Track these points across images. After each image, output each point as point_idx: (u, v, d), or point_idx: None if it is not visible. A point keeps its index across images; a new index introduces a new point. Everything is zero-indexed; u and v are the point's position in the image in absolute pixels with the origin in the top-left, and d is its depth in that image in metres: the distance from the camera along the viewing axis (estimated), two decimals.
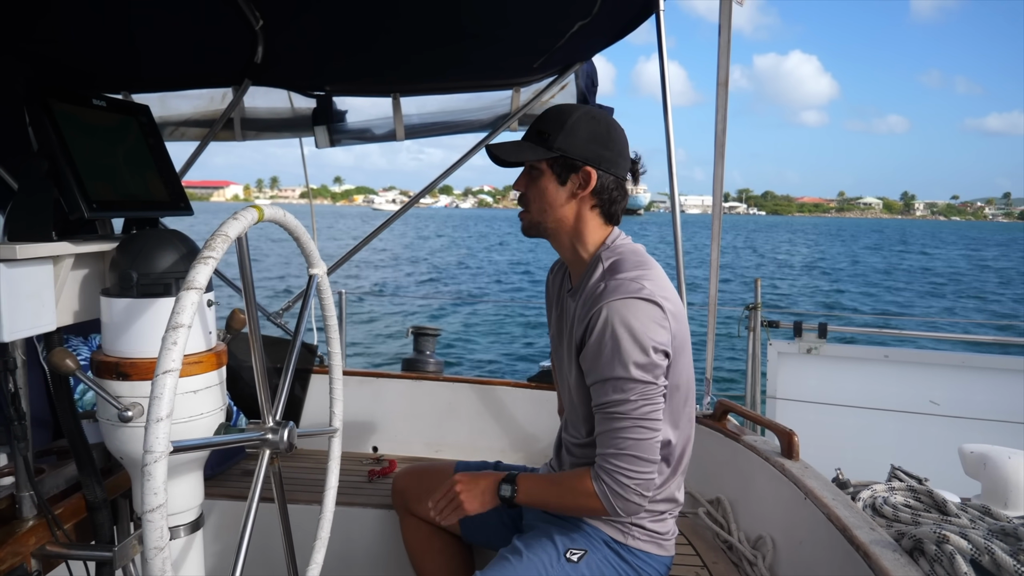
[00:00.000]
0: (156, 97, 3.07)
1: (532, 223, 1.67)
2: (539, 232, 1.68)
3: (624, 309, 1.49)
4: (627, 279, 1.53)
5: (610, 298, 1.51)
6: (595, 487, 1.52)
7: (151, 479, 1.01)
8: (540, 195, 1.63)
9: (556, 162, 1.59)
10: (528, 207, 1.66)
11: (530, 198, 1.65)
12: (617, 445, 1.50)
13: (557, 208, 1.62)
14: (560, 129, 1.58)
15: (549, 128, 1.59)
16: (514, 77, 3.11)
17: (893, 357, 4.42)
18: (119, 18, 2.22)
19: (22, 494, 1.53)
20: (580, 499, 1.56)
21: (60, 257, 1.41)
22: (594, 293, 1.56)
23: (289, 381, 1.50)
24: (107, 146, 1.59)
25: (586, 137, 1.59)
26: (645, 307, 1.50)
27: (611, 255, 1.63)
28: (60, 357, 1.32)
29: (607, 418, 1.52)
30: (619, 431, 1.50)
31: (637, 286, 1.52)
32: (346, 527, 2.39)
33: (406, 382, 3.24)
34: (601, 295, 1.53)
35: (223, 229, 1.19)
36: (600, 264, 1.61)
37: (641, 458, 1.49)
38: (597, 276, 1.60)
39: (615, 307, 1.49)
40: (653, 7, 2.49)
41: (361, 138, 3.35)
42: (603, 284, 1.55)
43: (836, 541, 1.65)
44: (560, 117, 1.60)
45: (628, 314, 1.48)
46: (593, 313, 1.52)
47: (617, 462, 1.49)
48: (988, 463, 2.52)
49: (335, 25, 2.51)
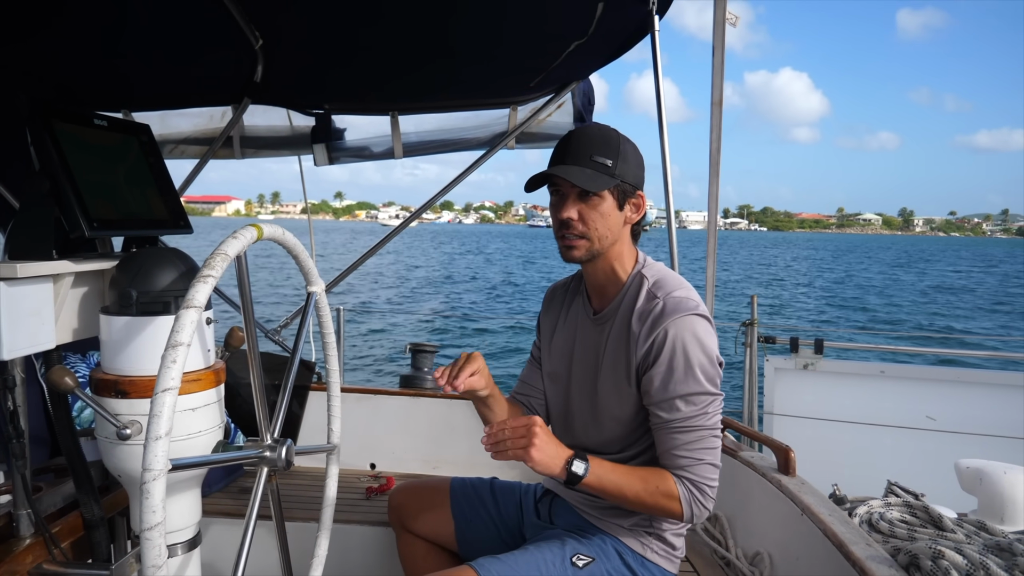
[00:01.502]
0: (156, 115, 3.09)
1: (590, 250, 1.61)
2: (593, 256, 1.64)
3: (690, 326, 1.53)
4: (683, 297, 1.57)
5: (673, 316, 1.53)
6: (679, 491, 1.54)
7: (150, 497, 1.02)
8: (602, 221, 1.59)
9: (617, 188, 1.60)
10: (587, 234, 1.60)
11: (589, 225, 1.59)
12: (697, 456, 1.54)
13: (616, 233, 1.63)
14: (617, 154, 1.59)
15: (606, 154, 1.58)
16: (511, 96, 3.14)
17: (889, 373, 4.43)
18: (120, 37, 2.25)
19: (19, 512, 1.53)
20: (660, 498, 1.54)
21: (60, 275, 1.42)
22: (651, 311, 1.57)
23: (287, 398, 1.50)
24: (108, 165, 1.60)
25: (635, 162, 1.62)
26: (704, 323, 1.56)
27: (652, 273, 1.66)
28: (59, 375, 1.33)
29: (682, 432, 1.54)
30: (697, 442, 1.54)
31: (694, 303, 1.57)
32: (344, 544, 2.38)
33: (404, 399, 3.24)
34: (662, 313, 1.55)
35: (222, 248, 1.20)
36: (644, 282, 1.63)
37: (716, 465, 1.56)
38: (644, 295, 1.61)
39: (682, 325, 1.53)
40: (648, 27, 2.52)
41: (360, 156, 3.36)
42: (660, 302, 1.57)
43: (833, 557, 1.65)
44: (611, 141, 1.60)
45: (695, 331, 1.53)
46: (659, 332, 1.54)
47: (700, 471, 1.54)
48: (984, 478, 2.53)
49: (334, 44, 2.54)
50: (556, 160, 1.60)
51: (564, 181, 1.57)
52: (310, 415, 3.14)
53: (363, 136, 3.32)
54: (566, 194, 1.60)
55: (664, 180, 2.67)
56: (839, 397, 4.40)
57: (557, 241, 1.65)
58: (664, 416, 1.55)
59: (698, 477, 1.54)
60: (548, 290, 1.96)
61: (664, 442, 1.57)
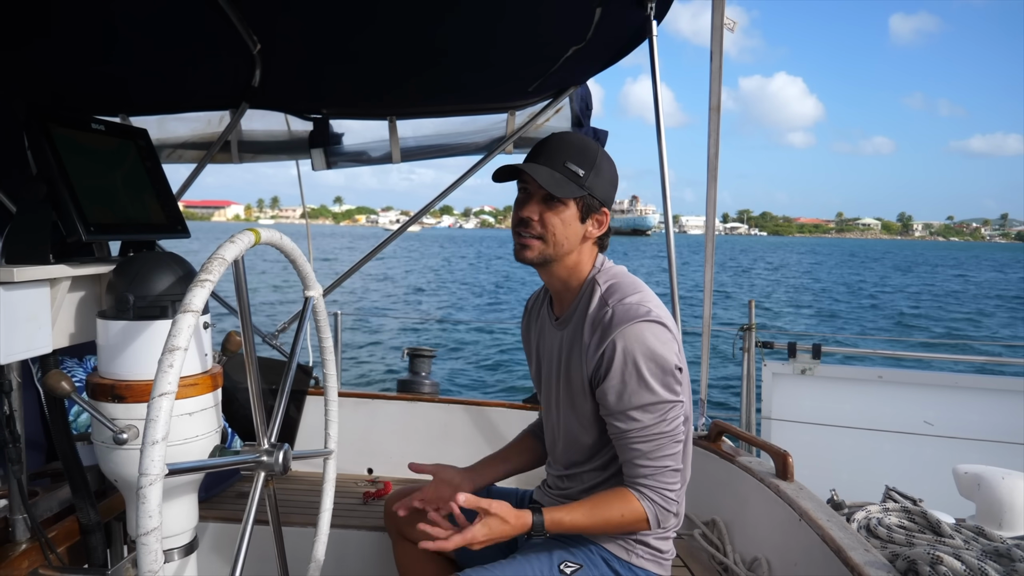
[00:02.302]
0: (154, 120, 3.09)
1: (543, 253, 1.60)
2: (545, 261, 1.64)
3: (639, 335, 1.50)
4: (633, 303, 1.54)
5: (622, 325, 1.51)
6: (643, 506, 1.55)
7: (146, 501, 1.02)
8: (561, 228, 1.58)
9: (583, 200, 1.59)
10: (543, 236, 1.59)
11: (548, 228, 1.58)
12: (658, 463, 1.54)
13: (573, 243, 1.61)
14: (591, 167, 1.58)
15: (580, 164, 1.57)
16: (509, 101, 3.14)
17: (887, 378, 4.43)
18: (117, 42, 2.24)
19: (15, 517, 1.53)
20: (626, 522, 1.57)
21: (57, 280, 1.41)
22: (601, 320, 1.56)
23: (285, 403, 1.50)
24: (105, 169, 1.60)
25: (608, 178, 1.61)
26: (656, 329, 1.52)
27: (605, 278, 1.63)
28: (56, 379, 1.33)
29: (641, 441, 1.53)
30: (656, 450, 1.53)
31: (645, 309, 1.53)
32: (341, 549, 2.38)
33: (401, 403, 3.24)
34: (611, 322, 1.53)
35: (220, 252, 1.20)
36: (596, 288, 1.62)
37: (677, 469, 1.56)
38: (596, 301, 1.60)
39: (630, 335, 1.50)
40: (646, 32, 2.52)
41: (357, 161, 3.36)
42: (609, 310, 1.55)
43: (831, 562, 1.65)
44: (587, 153, 1.59)
45: (644, 339, 1.50)
46: (607, 345, 1.52)
47: (661, 479, 1.54)
48: (982, 484, 2.53)
49: (332, 49, 2.54)
50: (531, 158, 1.60)
51: (532, 180, 1.56)
52: (307, 420, 3.13)
53: (361, 141, 3.33)
54: (532, 193, 1.59)
55: (662, 185, 2.67)
56: (837, 402, 4.40)
57: (513, 239, 1.65)
58: (622, 427, 1.54)
59: (660, 485, 1.54)
60: (526, 304, 1.96)
61: (623, 452, 1.57)
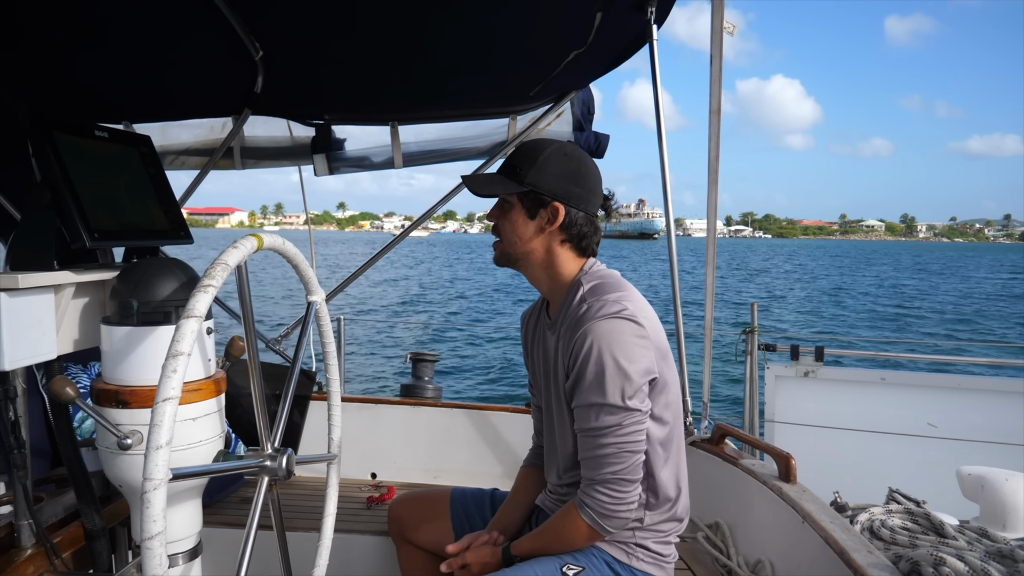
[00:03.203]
0: (157, 127, 3.10)
1: (503, 253, 1.70)
2: (508, 262, 1.71)
3: (608, 330, 1.51)
4: (609, 300, 1.56)
5: (593, 319, 1.52)
6: (584, 518, 1.56)
7: (150, 506, 1.02)
8: (510, 227, 1.66)
9: (526, 196, 1.63)
10: (501, 238, 1.70)
11: (502, 229, 1.69)
12: (604, 471, 1.53)
13: (526, 241, 1.66)
14: (532, 164, 1.61)
15: (520, 163, 1.63)
16: (510, 105, 3.15)
17: (890, 380, 4.43)
18: (120, 49, 2.26)
19: (21, 522, 1.53)
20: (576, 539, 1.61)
21: (61, 286, 1.42)
22: (577, 315, 1.58)
23: (288, 408, 1.51)
24: (109, 176, 1.61)
25: (557, 173, 1.62)
26: (627, 326, 1.53)
27: (590, 279, 1.65)
28: (60, 385, 1.33)
29: (591, 444, 1.54)
30: (606, 458, 1.52)
31: (619, 307, 1.54)
32: (344, 554, 2.38)
33: (404, 408, 3.24)
34: (584, 316, 1.55)
35: (223, 258, 1.21)
36: (580, 288, 1.64)
37: (627, 480, 1.53)
38: (578, 300, 1.62)
39: (600, 329, 1.51)
40: (647, 37, 2.53)
41: (360, 166, 3.37)
42: (585, 305, 1.57)
43: (834, 564, 1.65)
44: (532, 153, 1.64)
45: (612, 336, 1.50)
46: (578, 337, 1.53)
47: (604, 489, 1.53)
48: (986, 485, 2.52)
49: (334, 55, 2.55)
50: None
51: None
52: (311, 425, 3.14)
53: (363, 146, 3.33)
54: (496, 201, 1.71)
55: (663, 188, 2.67)
56: (840, 404, 4.39)
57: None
58: (579, 423, 1.56)
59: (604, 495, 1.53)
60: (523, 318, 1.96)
61: (580, 449, 1.59)
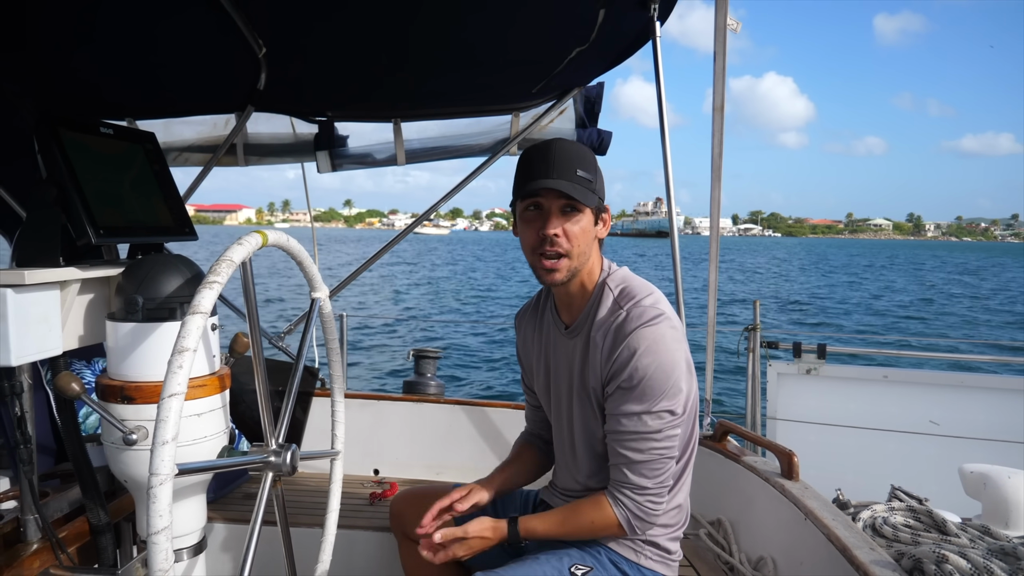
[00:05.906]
0: (160, 123, 3.10)
1: (571, 269, 1.57)
2: (572, 277, 1.59)
3: (654, 339, 1.50)
4: (647, 306, 1.55)
5: (638, 327, 1.51)
6: (616, 512, 1.56)
7: (156, 501, 1.03)
8: (583, 238, 1.56)
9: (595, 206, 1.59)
10: (569, 252, 1.55)
11: (573, 242, 1.54)
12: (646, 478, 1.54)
13: (591, 250, 1.61)
14: (596, 172, 1.59)
15: (589, 170, 1.56)
16: (513, 102, 3.15)
17: (892, 377, 4.42)
18: (124, 47, 2.26)
19: (27, 517, 1.54)
20: (599, 528, 1.61)
21: (67, 282, 1.43)
22: (616, 322, 1.55)
23: (292, 404, 1.51)
24: (114, 173, 1.62)
25: (603, 179, 1.62)
26: (669, 332, 1.52)
27: (616, 282, 1.64)
28: (66, 381, 1.34)
29: (633, 447, 1.53)
30: (648, 463, 1.53)
31: (656, 311, 1.53)
32: (347, 550, 2.38)
33: (407, 404, 3.25)
34: (625, 324, 1.53)
35: (228, 254, 1.21)
36: (608, 292, 1.62)
37: (665, 486, 1.57)
38: (610, 305, 1.60)
39: (645, 338, 1.50)
40: (649, 34, 2.53)
41: (362, 163, 3.37)
42: (623, 312, 1.55)
43: (836, 561, 1.66)
44: (589, 158, 1.59)
45: (658, 345, 1.50)
46: (623, 346, 1.52)
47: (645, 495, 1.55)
48: (988, 483, 2.52)
49: (337, 52, 2.55)
50: (542, 173, 1.52)
51: (549, 196, 1.52)
52: (314, 421, 3.14)
53: (366, 143, 3.34)
54: (549, 209, 1.53)
55: (666, 186, 2.67)
56: (842, 402, 4.39)
57: (533, 261, 1.58)
58: (617, 427, 1.55)
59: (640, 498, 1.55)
60: (516, 316, 1.94)
61: (614, 455, 1.58)
